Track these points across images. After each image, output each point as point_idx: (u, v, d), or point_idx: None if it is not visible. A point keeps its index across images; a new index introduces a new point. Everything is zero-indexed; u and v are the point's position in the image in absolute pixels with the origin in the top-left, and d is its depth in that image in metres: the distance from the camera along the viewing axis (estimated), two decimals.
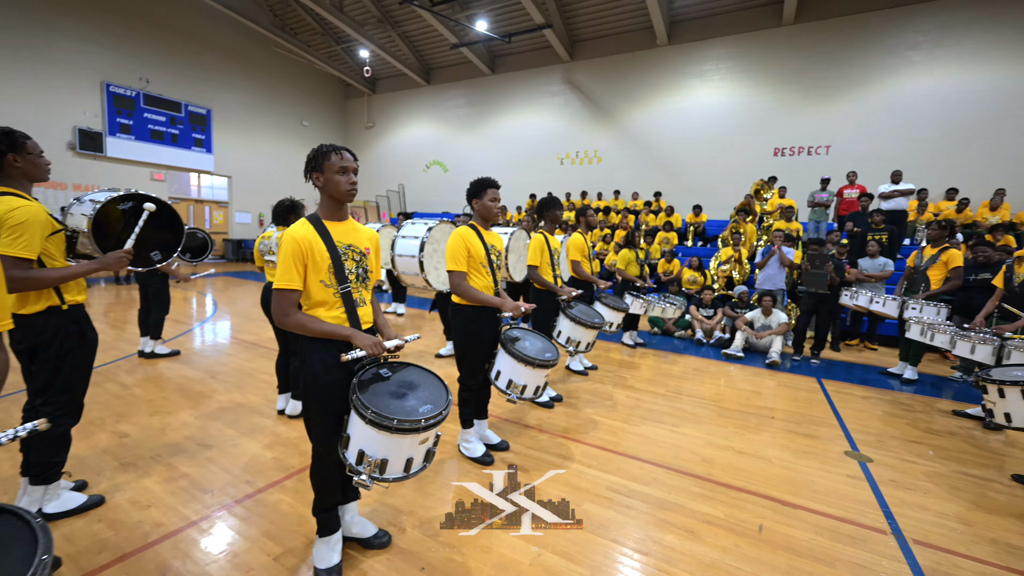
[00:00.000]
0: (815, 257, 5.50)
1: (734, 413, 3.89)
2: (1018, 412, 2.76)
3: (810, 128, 10.28)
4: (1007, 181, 8.36)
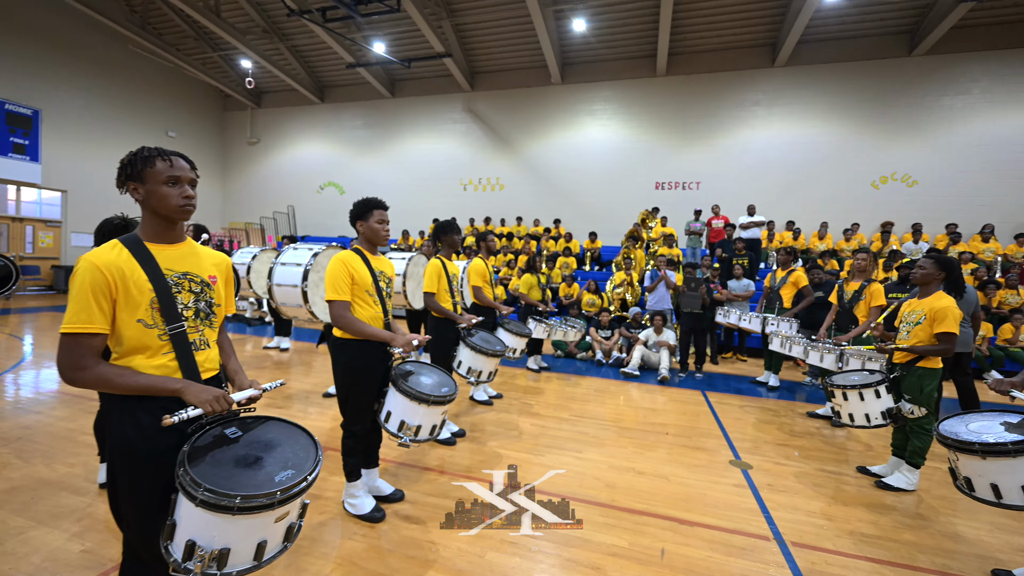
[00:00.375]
0: (690, 280, 6.04)
1: (633, 432, 3.98)
2: (859, 412, 3.18)
3: (684, 166, 11.63)
4: (828, 216, 10.21)
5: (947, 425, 2.20)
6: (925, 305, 3.05)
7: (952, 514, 2.83)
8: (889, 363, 3.27)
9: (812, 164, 10.74)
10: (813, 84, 10.66)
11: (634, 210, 11.16)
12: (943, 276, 3.10)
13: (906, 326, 3.15)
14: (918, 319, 3.06)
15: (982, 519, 2.75)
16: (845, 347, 4.20)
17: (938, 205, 9.85)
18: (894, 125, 10.24)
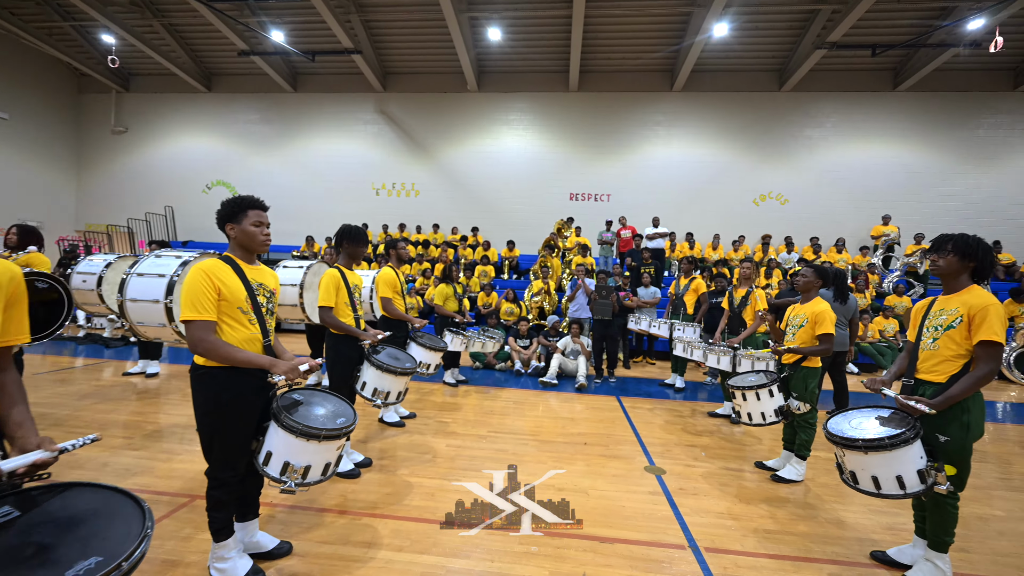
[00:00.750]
0: (601, 288, 6.21)
1: (552, 445, 3.89)
2: (755, 411, 3.39)
3: (596, 178, 12.16)
4: (720, 228, 11.28)
5: (833, 424, 2.35)
6: (807, 310, 3.35)
7: (834, 500, 3.09)
8: (778, 364, 3.53)
9: (706, 181, 11.83)
10: (705, 110, 11.79)
11: (550, 219, 11.39)
12: (820, 283, 3.44)
13: (792, 329, 3.43)
14: (801, 322, 3.35)
15: (858, 503, 3.04)
16: (737, 349, 4.54)
17: (804, 221, 11.37)
18: (769, 150, 11.67)
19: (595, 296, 5.99)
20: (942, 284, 2.31)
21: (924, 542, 2.29)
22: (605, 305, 5.98)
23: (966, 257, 2.19)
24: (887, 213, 10.66)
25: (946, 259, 2.23)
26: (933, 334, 2.24)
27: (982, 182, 11.03)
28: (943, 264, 2.24)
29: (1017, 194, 10.90)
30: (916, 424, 2.13)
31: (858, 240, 10.96)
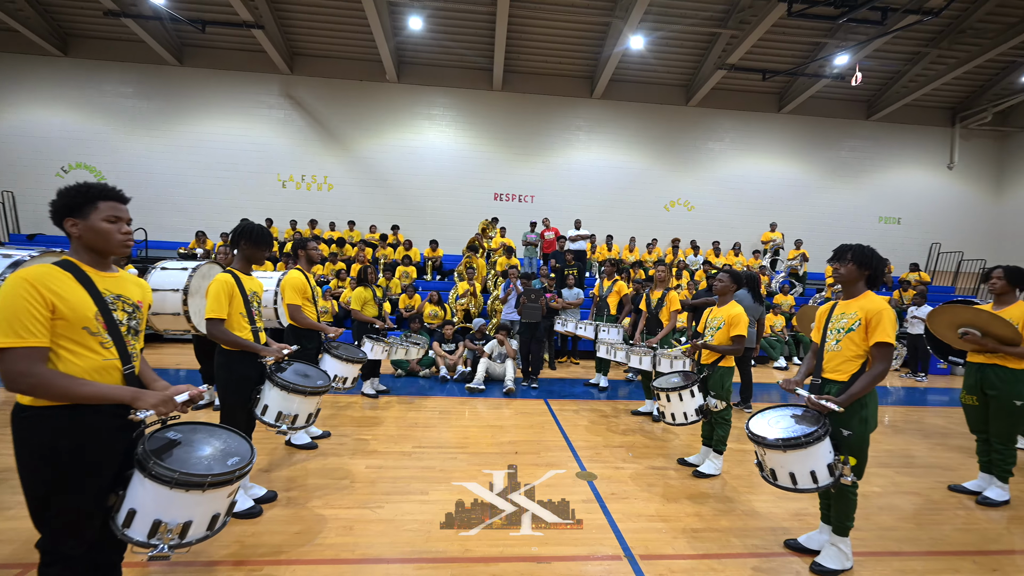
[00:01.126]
0: (530, 292, 6.15)
1: (482, 456, 3.71)
2: (679, 411, 3.50)
3: (520, 179, 12.20)
4: (635, 231, 11.91)
5: (754, 425, 2.46)
6: (724, 312, 3.53)
7: (748, 492, 3.29)
8: (698, 364, 3.69)
9: (623, 187, 12.42)
10: (622, 118, 12.37)
11: (475, 219, 11.18)
12: (735, 287, 3.65)
13: (710, 331, 3.60)
14: (719, 324, 3.52)
15: (768, 492, 3.25)
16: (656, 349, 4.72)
17: (707, 226, 12.42)
18: (678, 160, 12.57)
19: (524, 299, 5.91)
20: (842, 290, 2.51)
21: (829, 527, 2.48)
22: (534, 308, 5.92)
23: (863, 266, 2.40)
24: (774, 221, 12.03)
25: (846, 267, 2.42)
26: (836, 336, 2.43)
27: (843, 196, 12.89)
28: (844, 272, 2.43)
29: (870, 207, 12.91)
30: (826, 421, 2.28)
31: (751, 245, 12.22)
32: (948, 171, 13.15)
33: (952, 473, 3.75)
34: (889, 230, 12.82)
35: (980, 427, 3.32)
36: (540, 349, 6.33)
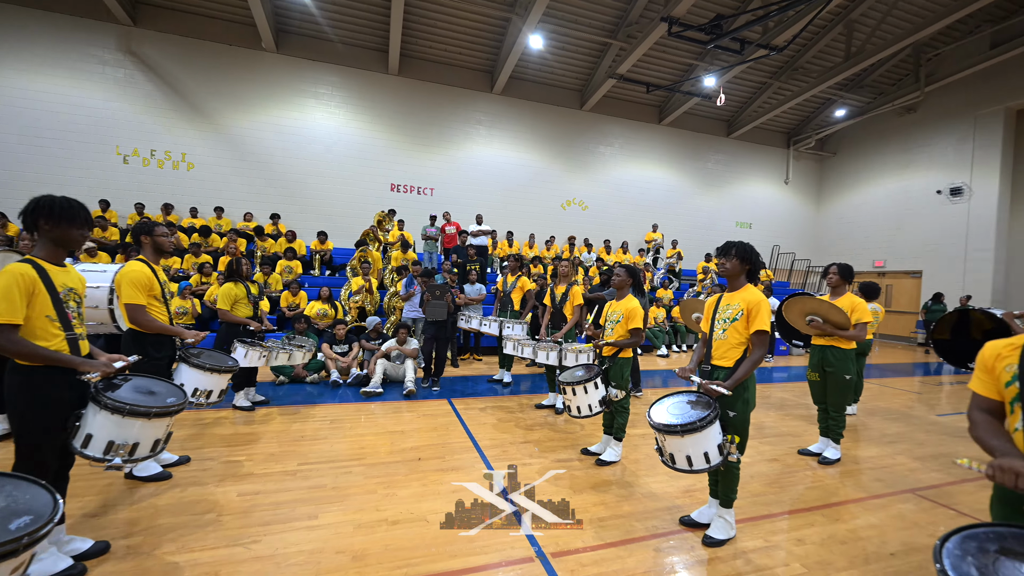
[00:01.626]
0: (435, 288, 5.88)
1: (382, 468, 3.39)
2: (583, 404, 3.57)
3: (420, 171, 11.70)
4: (534, 228, 12.21)
5: (654, 413, 2.56)
6: (622, 306, 3.68)
7: (645, 474, 3.47)
8: (599, 357, 3.81)
9: (522, 184, 12.63)
10: (522, 116, 12.56)
11: (369, 210, 10.50)
12: (631, 281, 3.82)
13: (610, 324, 3.72)
14: (618, 318, 3.66)
15: (663, 473, 3.47)
16: (562, 344, 4.81)
17: (599, 225, 13.23)
18: (573, 161, 13.17)
19: (429, 296, 5.59)
20: (727, 283, 2.73)
21: (717, 501, 2.69)
22: (440, 306, 5.63)
23: (745, 260, 2.63)
24: (655, 222, 13.25)
25: (731, 262, 2.63)
26: (722, 326, 2.63)
27: (709, 203, 14.71)
28: (729, 266, 2.64)
29: (729, 213, 14.92)
30: (716, 404, 2.45)
31: (636, 243, 13.32)
32: (785, 185, 15.76)
33: (799, 439, 4.41)
34: (744, 233, 14.95)
35: (820, 399, 3.93)
36: (445, 348, 6.06)
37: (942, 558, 1.26)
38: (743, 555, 2.45)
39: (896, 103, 12.94)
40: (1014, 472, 1.26)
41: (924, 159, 13.20)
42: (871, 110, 13.41)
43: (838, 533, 2.72)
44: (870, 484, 3.44)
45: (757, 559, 2.42)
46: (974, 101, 12.08)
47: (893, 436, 4.62)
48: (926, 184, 13.09)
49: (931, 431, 4.85)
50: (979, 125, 12.03)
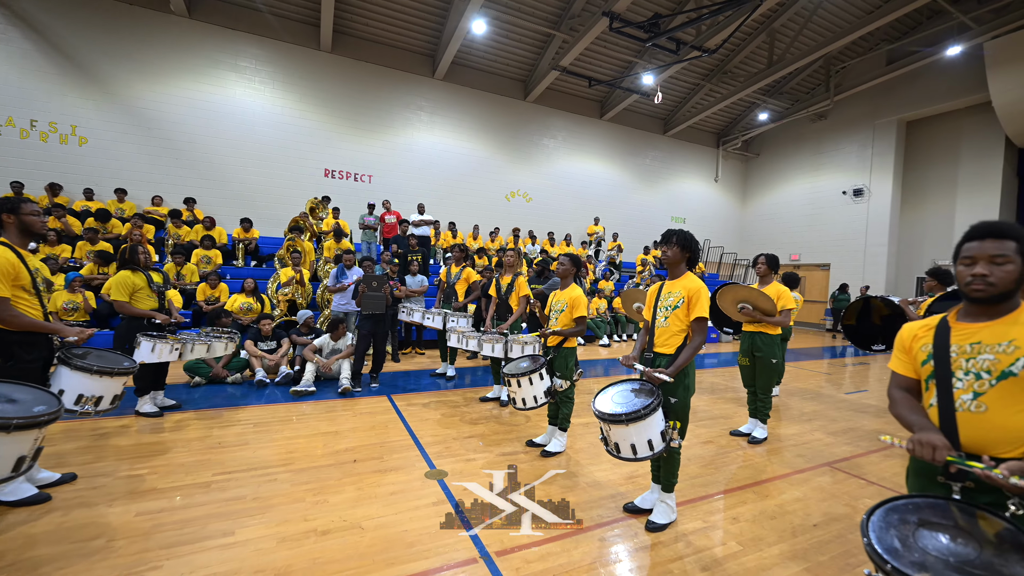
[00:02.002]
0: (371, 279, 5.42)
1: (312, 473, 3.12)
2: (528, 395, 3.49)
3: (357, 156, 11.06)
4: (478, 219, 12.02)
5: (599, 402, 2.53)
6: (566, 296, 3.64)
7: (589, 463, 3.48)
8: (544, 347, 3.75)
9: (465, 174, 12.37)
10: (465, 103, 12.25)
11: (301, 197, 9.81)
12: (575, 270, 3.79)
13: (555, 314, 3.67)
14: (562, 307, 3.62)
15: (606, 461, 3.49)
16: (508, 336, 4.72)
17: (543, 217, 13.30)
18: (517, 153, 13.09)
19: (364, 288, 5.23)
20: (668, 272, 2.75)
21: (659, 486, 2.72)
22: (377, 298, 5.28)
23: (685, 248, 2.65)
24: (597, 215, 13.54)
25: (672, 250, 2.65)
26: (664, 313, 2.65)
27: (647, 197, 15.29)
28: (670, 254, 2.66)
29: (665, 208, 15.60)
30: (658, 392, 2.46)
31: (579, 236, 13.55)
32: (715, 183, 16.75)
33: (730, 420, 4.65)
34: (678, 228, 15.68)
35: (750, 382, 4.16)
36: (383, 343, 5.74)
37: (868, 532, 1.30)
38: (684, 538, 2.50)
39: (810, 110, 14.14)
40: (931, 445, 1.32)
41: (832, 163, 14.56)
42: (789, 115, 14.55)
43: (768, 509, 2.86)
44: (793, 460, 3.68)
45: (696, 540, 2.47)
46: (873, 111, 13.48)
47: (810, 414, 5.02)
48: (834, 185, 14.46)
49: (841, 408, 5.33)
50: (877, 133, 13.44)
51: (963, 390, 1.37)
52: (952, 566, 1.15)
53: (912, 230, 13.42)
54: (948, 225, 12.72)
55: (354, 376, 5.13)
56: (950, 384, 1.40)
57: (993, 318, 1.37)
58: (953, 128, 12.67)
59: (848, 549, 2.44)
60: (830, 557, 2.36)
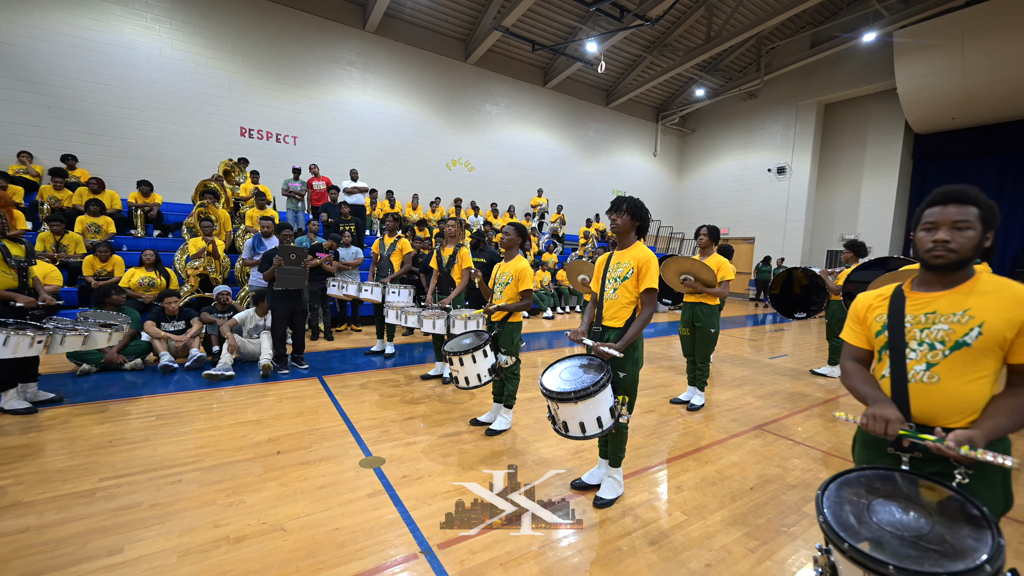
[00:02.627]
0: (289, 251, 4.65)
1: (226, 469, 2.75)
2: (472, 374, 3.30)
3: (278, 115, 9.93)
4: (417, 188, 11.41)
5: (546, 381, 2.39)
6: (511, 267, 3.44)
7: (535, 439, 3.38)
8: (488, 322, 3.55)
9: (403, 139, 11.60)
10: (401, 62, 11.36)
11: (213, 158, 8.71)
12: (520, 240, 3.58)
13: (499, 287, 3.47)
14: (507, 280, 3.42)
15: (552, 437, 3.42)
16: (450, 310, 4.47)
17: (486, 188, 12.91)
18: (458, 118, 12.47)
19: (279, 260, 4.65)
20: (617, 240, 2.62)
21: (606, 461, 2.67)
22: (294, 273, 4.68)
23: (635, 216, 2.52)
24: (541, 187, 13.38)
25: (622, 217, 2.51)
26: (613, 285, 2.52)
27: (590, 170, 15.33)
28: (620, 222, 2.52)
29: (607, 181, 15.75)
30: (608, 367, 2.35)
31: (523, 208, 13.35)
32: (653, 158, 17.14)
33: (669, 389, 4.78)
34: None
35: (690, 352, 4.25)
36: (302, 321, 5.01)
37: (824, 508, 1.26)
38: (631, 511, 2.47)
39: (742, 88, 14.70)
40: (884, 419, 1.29)
41: (760, 141, 15.36)
42: (723, 92, 15.05)
43: (708, 475, 2.92)
44: (728, 425, 3.82)
45: (643, 513, 2.45)
46: (797, 93, 14.27)
47: (740, 379, 5.30)
48: (760, 163, 15.31)
49: (766, 372, 5.69)
50: (800, 114, 14.30)
51: (916, 361, 1.34)
52: (907, 541, 1.12)
53: (825, 207, 14.61)
54: (855, 203, 13.97)
55: (277, 359, 4.65)
56: (903, 355, 1.37)
57: (948, 287, 1.34)
58: (863, 112, 13.74)
59: (782, 510, 2.53)
60: (766, 520, 2.43)
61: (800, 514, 2.50)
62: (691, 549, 2.17)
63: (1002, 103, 10.88)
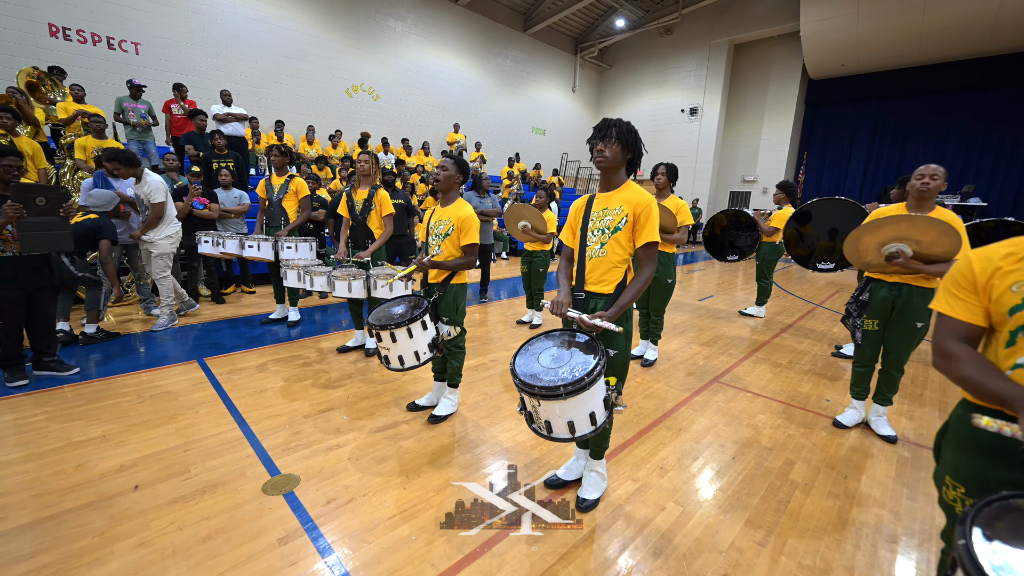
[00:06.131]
0: (30, 192, 2.97)
1: (43, 529, 1.83)
2: (408, 352, 2.59)
3: (108, 11, 7.36)
4: (312, 119, 9.60)
5: (522, 368, 1.80)
6: (451, 214, 2.68)
7: (489, 423, 2.85)
8: (425, 284, 2.82)
9: (289, 56, 9.50)
10: None
11: (8, 67, 6.36)
12: (462, 179, 2.80)
13: (435, 239, 2.71)
14: (447, 230, 2.67)
15: (510, 417, 2.91)
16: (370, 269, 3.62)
17: (395, 121, 11.35)
18: (357, 35, 10.49)
19: (18, 209, 2.90)
20: (602, 178, 2.00)
21: (586, 451, 2.23)
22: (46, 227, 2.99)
23: (627, 147, 1.90)
24: (457, 122, 12.10)
25: (611, 148, 1.88)
26: (600, 238, 1.94)
27: (508, 105, 14.23)
28: (609, 154, 1.88)
29: (526, 118, 14.81)
30: (601, 346, 1.81)
31: (439, 145, 12.05)
32: (572, 94, 16.41)
33: None
34: (538, 139, 15.23)
35: (644, 304, 3.93)
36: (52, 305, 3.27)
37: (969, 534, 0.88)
38: (621, 511, 2.07)
39: (660, 22, 14.28)
40: None
41: (675, 80, 15.33)
42: (642, 25, 14.52)
43: (686, 447, 2.64)
44: (686, 380, 3.62)
45: (635, 512, 2.07)
46: (710, 31, 14.22)
47: (680, 326, 5.22)
48: (675, 103, 15.38)
49: (702, 316, 5.71)
50: (712, 54, 14.36)
51: None
52: None
53: (730, 149, 15.29)
54: (755, 146, 14.77)
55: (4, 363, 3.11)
56: None
57: None
58: (767, 55, 14.18)
59: (771, 483, 2.32)
60: (760, 498, 2.19)
61: (789, 485, 2.31)
62: (700, 556, 1.83)
63: (885, 51, 11.77)
